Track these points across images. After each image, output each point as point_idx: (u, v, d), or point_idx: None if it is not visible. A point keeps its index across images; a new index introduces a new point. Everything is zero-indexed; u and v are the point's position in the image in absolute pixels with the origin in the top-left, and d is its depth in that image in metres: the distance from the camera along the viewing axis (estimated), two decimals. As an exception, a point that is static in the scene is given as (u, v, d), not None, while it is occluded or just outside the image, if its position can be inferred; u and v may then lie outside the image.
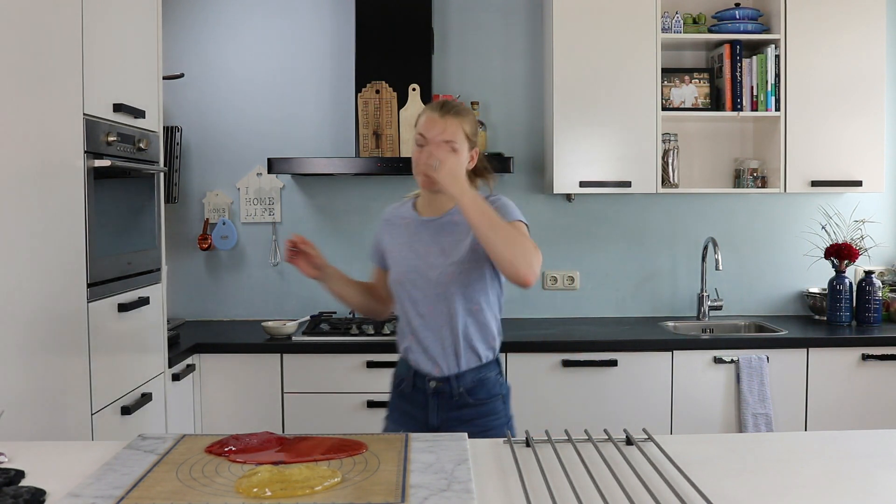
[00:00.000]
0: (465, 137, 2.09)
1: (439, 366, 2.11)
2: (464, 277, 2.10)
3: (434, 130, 2.07)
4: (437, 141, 2.06)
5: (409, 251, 2.17)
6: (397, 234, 2.22)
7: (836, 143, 3.42)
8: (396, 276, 2.18)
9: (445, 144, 2.06)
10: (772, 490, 1.33)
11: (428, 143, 2.07)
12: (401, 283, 2.17)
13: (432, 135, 2.06)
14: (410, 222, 2.21)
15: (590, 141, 3.40)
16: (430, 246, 2.15)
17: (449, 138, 2.06)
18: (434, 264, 2.12)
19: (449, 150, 2.05)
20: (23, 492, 1.26)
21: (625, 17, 3.37)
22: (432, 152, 2.04)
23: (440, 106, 2.12)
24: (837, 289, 3.46)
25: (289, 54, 3.68)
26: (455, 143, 2.07)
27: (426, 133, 2.07)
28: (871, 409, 3.17)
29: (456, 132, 2.08)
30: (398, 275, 2.17)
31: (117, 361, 2.43)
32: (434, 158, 2.01)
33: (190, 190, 3.70)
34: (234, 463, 1.39)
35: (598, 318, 3.70)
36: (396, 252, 2.20)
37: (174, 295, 3.60)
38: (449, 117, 2.08)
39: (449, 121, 2.08)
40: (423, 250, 2.15)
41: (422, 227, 2.18)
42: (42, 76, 2.04)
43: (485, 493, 1.31)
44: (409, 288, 2.14)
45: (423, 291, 2.13)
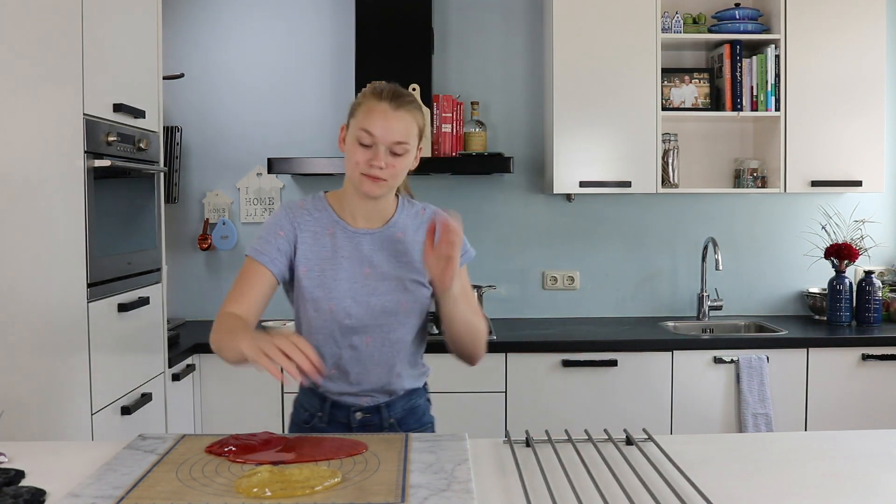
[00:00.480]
0: (416, 135, 1.76)
1: (370, 396, 1.81)
2: (413, 306, 1.80)
3: (386, 129, 1.70)
4: (389, 143, 1.70)
5: (339, 270, 1.77)
6: (320, 245, 1.79)
7: (836, 143, 3.42)
8: (319, 300, 1.76)
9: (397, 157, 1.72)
10: (772, 490, 1.33)
11: (376, 144, 1.70)
12: (329, 310, 1.76)
13: (383, 135, 1.70)
14: (337, 232, 1.80)
15: (590, 141, 3.40)
16: (368, 266, 1.79)
17: (401, 139, 1.71)
18: (377, 290, 1.78)
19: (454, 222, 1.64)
20: (23, 492, 1.26)
21: (625, 17, 3.37)
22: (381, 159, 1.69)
23: (391, 95, 1.73)
24: (837, 289, 3.46)
25: (289, 54, 3.68)
26: (407, 144, 1.73)
27: (375, 131, 1.70)
28: (871, 409, 3.17)
29: (410, 130, 1.74)
30: (323, 299, 1.76)
31: (117, 361, 2.43)
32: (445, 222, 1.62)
33: (190, 190, 3.70)
34: (234, 463, 1.39)
35: (598, 318, 3.70)
36: (319, 269, 1.78)
37: (174, 295, 3.60)
38: (402, 111, 1.72)
39: (403, 116, 1.72)
40: (360, 271, 1.78)
41: (356, 240, 1.80)
42: (42, 76, 2.04)
43: (485, 493, 1.31)
44: (341, 317, 1.76)
45: (358, 321, 1.77)
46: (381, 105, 1.72)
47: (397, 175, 1.74)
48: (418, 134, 1.77)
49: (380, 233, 1.81)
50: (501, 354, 3.12)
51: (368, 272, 1.79)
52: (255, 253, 1.77)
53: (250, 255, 1.77)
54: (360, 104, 1.75)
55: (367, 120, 1.71)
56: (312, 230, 1.80)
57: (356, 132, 1.72)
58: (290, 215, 1.81)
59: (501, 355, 3.12)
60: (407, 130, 1.73)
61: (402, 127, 1.72)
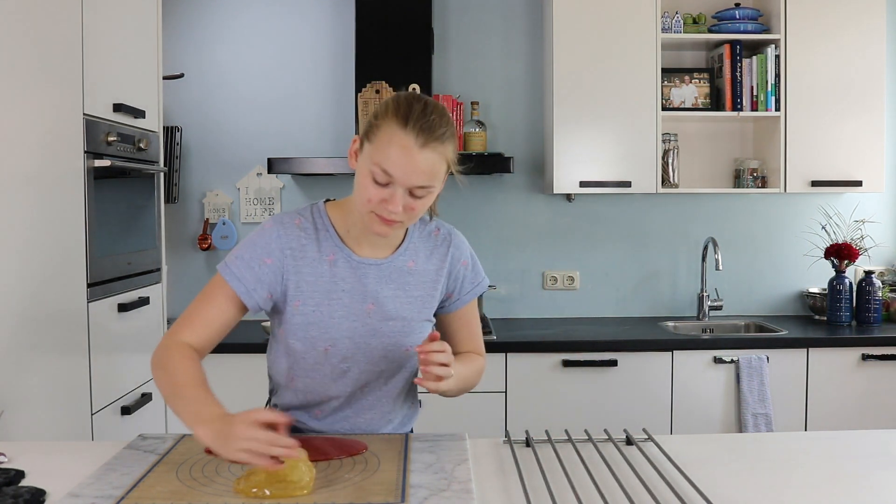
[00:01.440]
0: (445, 169, 1.47)
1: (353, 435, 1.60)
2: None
3: (408, 172, 1.40)
4: (410, 186, 1.42)
5: (338, 306, 1.53)
6: (317, 274, 1.53)
7: (836, 143, 3.42)
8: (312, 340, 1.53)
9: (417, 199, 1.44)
10: (772, 490, 1.33)
11: (394, 185, 1.41)
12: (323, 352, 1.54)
13: (404, 178, 1.40)
14: (339, 260, 1.54)
15: (590, 141, 3.40)
16: (373, 302, 1.54)
17: (426, 183, 1.42)
18: (379, 331, 1.55)
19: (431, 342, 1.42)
20: (23, 492, 1.26)
21: (625, 17, 3.37)
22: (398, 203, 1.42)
23: (420, 128, 1.40)
24: (837, 289, 3.46)
25: (289, 54, 3.68)
26: (432, 188, 1.45)
27: (394, 172, 1.40)
28: (870, 409, 3.17)
29: (437, 170, 1.43)
30: (317, 339, 1.53)
31: (117, 361, 2.43)
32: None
33: (190, 190, 3.70)
34: (234, 463, 1.39)
35: (598, 318, 3.70)
36: (314, 303, 1.52)
37: (174, 295, 3.60)
38: (430, 150, 1.40)
39: (430, 156, 1.41)
40: (362, 308, 1.54)
41: (360, 271, 1.54)
42: (42, 76, 2.04)
43: (485, 493, 1.31)
44: (336, 360, 1.54)
45: (355, 364, 1.55)
46: (405, 139, 1.39)
47: (417, 216, 1.48)
48: (447, 167, 1.47)
49: (388, 263, 1.56)
50: (501, 354, 3.12)
51: (371, 309, 1.54)
52: (231, 277, 1.50)
53: (224, 277, 1.51)
54: (379, 126, 1.43)
55: (385, 155, 1.40)
56: (309, 256, 1.53)
57: (370, 165, 1.42)
58: (282, 239, 1.52)
59: (501, 355, 3.12)
60: (433, 171, 1.42)
61: (428, 168, 1.41)
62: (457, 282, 1.65)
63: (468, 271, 1.66)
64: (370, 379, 1.59)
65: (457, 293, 1.66)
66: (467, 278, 1.65)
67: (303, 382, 1.59)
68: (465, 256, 1.65)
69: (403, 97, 1.46)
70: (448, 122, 1.46)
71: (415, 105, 1.43)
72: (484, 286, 1.68)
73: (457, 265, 1.64)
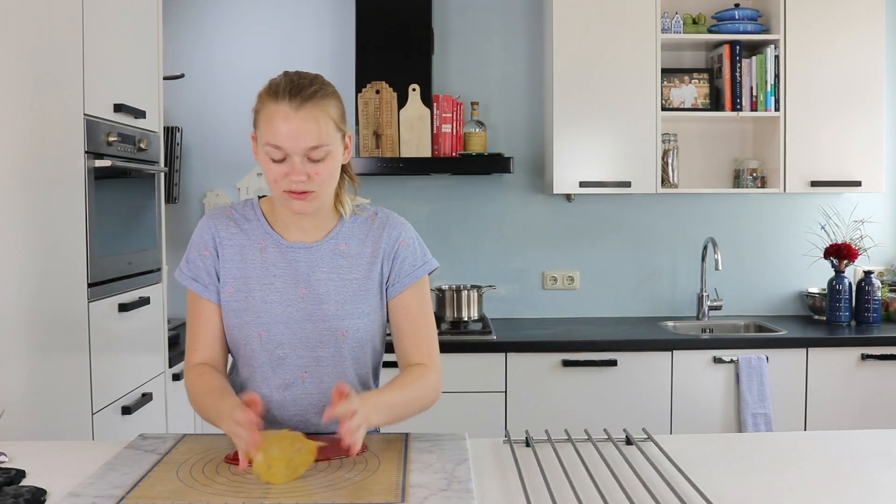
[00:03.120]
0: (335, 128, 1.49)
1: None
2: (356, 335, 1.56)
3: (293, 137, 1.43)
4: (301, 151, 1.44)
5: (270, 291, 1.54)
6: (247, 261, 1.56)
7: (836, 143, 3.42)
8: (246, 326, 1.54)
9: (318, 163, 1.46)
10: (772, 490, 1.34)
11: (289, 155, 1.45)
12: (257, 338, 1.54)
13: (292, 145, 1.44)
14: (269, 246, 1.57)
15: (590, 141, 3.40)
16: (305, 286, 1.55)
17: (315, 142, 1.45)
18: (314, 314, 1.54)
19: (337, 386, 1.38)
20: (23, 491, 1.26)
21: (625, 17, 3.37)
22: (299, 171, 1.45)
23: (290, 90, 1.44)
24: (837, 289, 3.46)
25: (289, 54, 3.68)
26: (327, 145, 1.46)
27: (282, 143, 1.43)
28: (870, 408, 3.17)
29: (324, 129, 1.46)
30: (250, 325, 1.54)
31: (118, 361, 2.43)
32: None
33: (190, 190, 3.70)
34: (234, 464, 1.39)
35: (598, 318, 3.70)
36: (247, 289, 1.55)
37: (174, 295, 3.59)
38: (307, 110, 1.44)
39: (309, 115, 1.44)
40: (295, 292, 1.55)
41: (290, 255, 1.56)
42: (42, 76, 2.04)
43: (485, 493, 1.31)
44: (272, 346, 1.55)
45: (291, 350, 1.55)
46: (280, 108, 1.44)
47: (325, 182, 1.49)
48: (336, 126, 1.49)
49: (318, 246, 1.57)
50: (501, 354, 3.12)
51: (305, 293, 1.54)
52: (188, 281, 1.58)
53: (183, 284, 1.59)
54: (259, 111, 1.49)
55: (269, 132, 1.44)
56: (239, 244, 1.57)
57: (263, 148, 1.47)
58: (213, 229, 1.59)
59: (501, 355, 3.12)
60: (319, 129, 1.45)
61: (311, 128, 1.44)
62: (396, 261, 1.60)
63: (408, 251, 1.60)
64: (309, 366, 1.57)
65: (395, 275, 1.60)
66: (407, 259, 1.60)
67: (247, 371, 1.60)
68: (405, 237, 1.61)
69: (274, 78, 1.50)
70: (321, 82, 1.50)
71: (283, 78, 1.49)
72: (427, 269, 1.62)
73: (394, 244, 1.60)
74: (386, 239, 1.60)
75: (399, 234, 1.61)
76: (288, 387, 1.57)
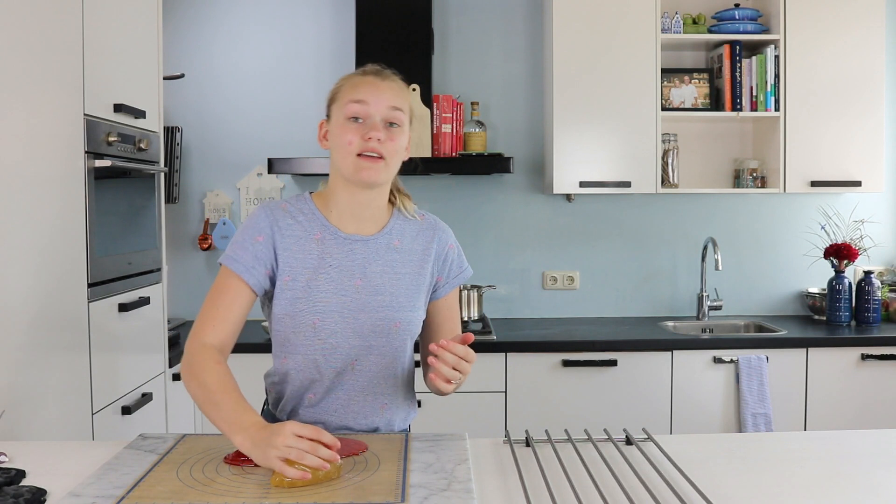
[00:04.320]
0: (408, 111, 1.62)
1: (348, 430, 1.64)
2: (407, 327, 1.61)
3: (378, 96, 1.55)
4: (384, 109, 1.55)
5: (326, 281, 1.57)
6: (305, 251, 1.59)
7: (836, 143, 3.42)
8: (300, 315, 1.57)
9: (393, 129, 1.56)
10: (771, 490, 1.34)
11: (370, 115, 1.54)
12: (311, 326, 1.57)
13: (377, 101, 1.54)
14: (326, 237, 1.61)
15: (590, 141, 3.40)
16: (360, 278, 1.59)
17: (397, 104, 1.56)
18: (368, 305, 1.58)
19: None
20: (23, 491, 1.26)
21: (625, 17, 3.37)
22: (379, 129, 1.54)
23: (374, 70, 1.61)
24: (837, 289, 3.46)
25: (289, 54, 3.68)
26: (402, 113, 1.58)
27: (367, 98, 1.54)
28: (870, 408, 3.17)
29: (403, 97, 1.59)
30: (305, 313, 1.56)
31: (118, 361, 2.43)
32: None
33: (190, 190, 3.70)
34: (234, 465, 1.39)
35: (598, 318, 3.70)
36: (304, 279, 1.57)
37: (174, 295, 3.60)
38: (390, 81, 1.59)
39: (392, 85, 1.58)
40: (350, 283, 1.58)
41: (347, 247, 1.61)
42: (42, 76, 2.04)
43: (485, 493, 1.31)
44: (325, 335, 1.57)
45: (344, 339, 1.58)
46: (366, 78, 1.58)
47: (395, 153, 1.57)
48: (409, 110, 1.62)
49: (374, 240, 1.62)
50: (501, 354, 3.12)
51: (359, 284, 1.59)
52: (230, 261, 1.56)
53: (224, 264, 1.57)
54: (341, 87, 1.60)
55: (355, 92, 1.56)
56: (296, 234, 1.59)
57: (344, 108, 1.56)
58: (271, 217, 1.60)
59: (501, 355, 3.12)
60: (401, 97, 1.58)
61: (394, 94, 1.57)
62: (446, 263, 1.70)
63: (455, 255, 1.71)
64: (360, 354, 1.60)
65: (446, 276, 1.70)
66: (455, 262, 1.71)
67: (294, 361, 1.60)
68: (452, 241, 1.72)
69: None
70: (399, 74, 1.65)
71: (366, 67, 1.64)
72: (468, 274, 1.73)
73: (444, 247, 1.69)
74: (438, 241, 1.69)
75: (448, 239, 1.71)
76: (339, 374, 1.61)
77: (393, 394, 1.66)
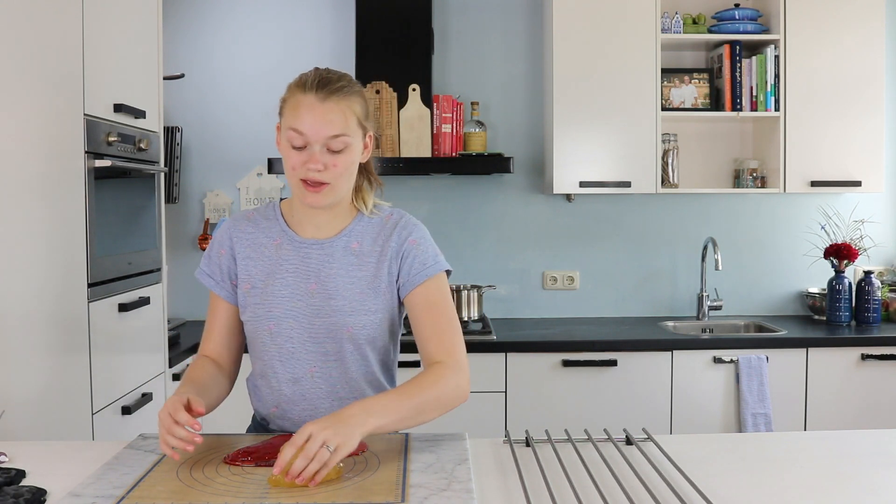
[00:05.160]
0: (357, 124, 1.55)
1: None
2: (362, 331, 1.57)
3: (316, 125, 1.50)
4: (323, 139, 1.50)
5: (282, 286, 1.58)
6: (263, 257, 1.61)
7: (836, 143, 3.42)
8: (258, 320, 1.58)
9: (337, 154, 1.52)
10: (771, 490, 1.34)
11: (309, 143, 1.51)
12: (268, 331, 1.58)
13: (313, 132, 1.50)
14: (284, 243, 1.61)
15: (590, 141, 3.40)
16: (315, 282, 1.58)
17: (336, 132, 1.51)
18: (322, 310, 1.57)
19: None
20: (24, 491, 1.26)
21: (625, 17, 3.37)
22: (317, 160, 1.50)
23: (317, 84, 1.52)
24: (837, 289, 3.46)
25: (289, 54, 3.68)
26: (347, 136, 1.52)
27: (304, 129, 1.50)
28: (870, 408, 3.17)
29: (346, 121, 1.52)
30: (262, 318, 1.58)
31: (118, 361, 2.43)
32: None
33: (190, 190, 3.70)
34: (234, 465, 1.39)
35: (598, 318, 3.70)
36: (262, 284, 1.59)
37: (174, 295, 3.60)
38: (332, 101, 1.51)
39: (334, 107, 1.51)
40: (305, 287, 1.58)
41: (303, 251, 1.60)
42: (43, 76, 2.04)
43: (485, 493, 1.31)
44: (281, 340, 1.58)
45: (300, 345, 1.58)
46: (307, 98, 1.52)
47: (341, 175, 1.53)
48: (358, 122, 1.55)
49: (330, 243, 1.60)
50: (501, 354, 3.12)
51: (314, 288, 1.57)
52: (203, 276, 1.67)
53: (199, 279, 1.68)
54: (286, 100, 1.57)
55: (293, 118, 1.52)
56: (255, 241, 1.62)
57: (286, 134, 1.54)
58: (231, 229, 1.65)
59: (501, 355, 3.12)
60: (342, 121, 1.51)
61: (334, 118, 1.50)
62: (406, 260, 1.60)
63: (417, 249, 1.61)
64: (318, 362, 1.59)
65: (405, 272, 1.60)
66: (417, 257, 1.60)
67: (259, 366, 1.64)
68: (416, 236, 1.62)
69: (304, 73, 1.59)
70: (348, 80, 1.57)
71: (312, 73, 1.57)
72: (438, 268, 1.61)
73: (402, 243, 1.61)
74: (395, 238, 1.62)
75: (409, 234, 1.62)
76: (297, 381, 1.60)
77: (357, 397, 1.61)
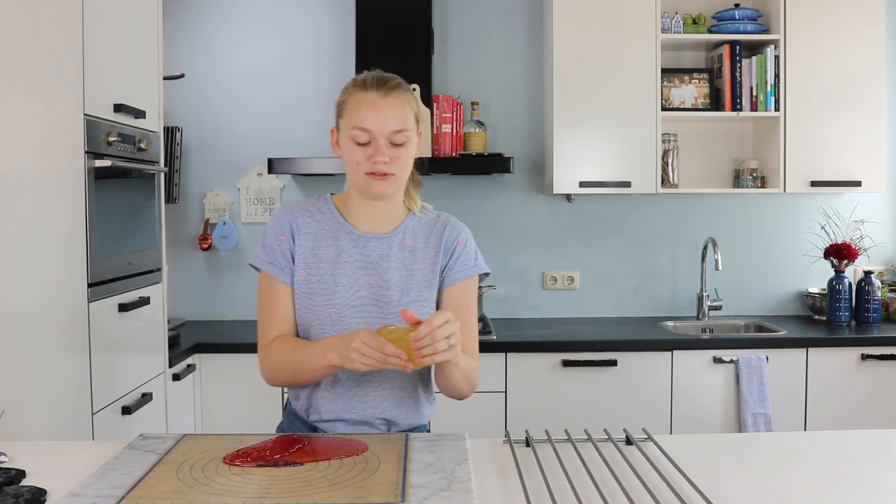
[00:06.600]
0: (414, 119, 1.65)
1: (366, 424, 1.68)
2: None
3: (381, 121, 1.58)
4: (388, 134, 1.59)
5: (341, 276, 1.65)
6: (321, 248, 1.67)
7: (836, 143, 3.42)
8: (317, 308, 1.64)
9: (399, 147, 1.60)
10: (771, 490, 1.34)
11: (374, 139, 1.59)
12: (328, 319, 1.64)
13: (379, 127, 1.58)
14: (341, 235, 1.68)
15: (590, 141, 3.40)
16: (374, 273, 1.66)
17: (400, 126, 1.59)
18: (381, 299, 1.65)
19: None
20: (24, 491, 1.26)
21: (625, 17, 3.37)
22: (384, 153, 1.59)
23: (376, 82, 1.61)
24: (837, 289, 3.46)
25: (289, 54, 3.69)
26: (408, 130, 1.61)
27: (370, 126, 1.58)
28: (870, 408, 3.17)
29: (406, 116, 1.61)
30: (322, 307, 1.64)
31: (118, 361, 2.43)
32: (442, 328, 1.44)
33: (190, 190, 3.70)
34: (234, 465, 1.39)
35: (598, 318, 3.70)
36: (319, 273, 1.66)
37: (174, 295, 3.60)
38: (393, 97, 1.60)
39: (395, 102, 1.60)
40: (364, 279, 1.66)
41: (361, 244, 1.68)
42: (43, 76, 2.04)
43: (485, 493, 1.31)
44: (341, 328, 1.63)
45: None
46: (368, 96, 1.60)
47: (404, 167, 1.63)
48: (415, 118, 1.65)
49: (388, 238, 1.69)
50: (501, 354, 3.12)
51: (373, 280, 1.66)
52: (265, 265, 1.67)
53: (261, 268, 1.68)
54: (345, 101, 1.63)
55: (357, 116, 1.59)
56: (313, 232, 1.68)
57: (349, 133, 1.60)
58: (290, 216, 1.69)
59: (501, 355, 3.12)
60: (403, 116, 1.60)
61: (397, 114, 1.59)
62: (450, 256, 1.72)
63: (463, 249, 1.73)
64: None
65: (449, 267, 1.72)
66: (461, 256, 1.72)
67: None
68: (464, 237, 1.75)
69: (358, 75, 1.67)
70: (401, 79, 1.67)
71: (367, 72, 1.66)
72: (479, 270, 1.75)
73: (453, 242, 1.73)
74: (447, 236, 1.73)
75: (458, 234, 1.75)
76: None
77: (409, 388, 1.71)
